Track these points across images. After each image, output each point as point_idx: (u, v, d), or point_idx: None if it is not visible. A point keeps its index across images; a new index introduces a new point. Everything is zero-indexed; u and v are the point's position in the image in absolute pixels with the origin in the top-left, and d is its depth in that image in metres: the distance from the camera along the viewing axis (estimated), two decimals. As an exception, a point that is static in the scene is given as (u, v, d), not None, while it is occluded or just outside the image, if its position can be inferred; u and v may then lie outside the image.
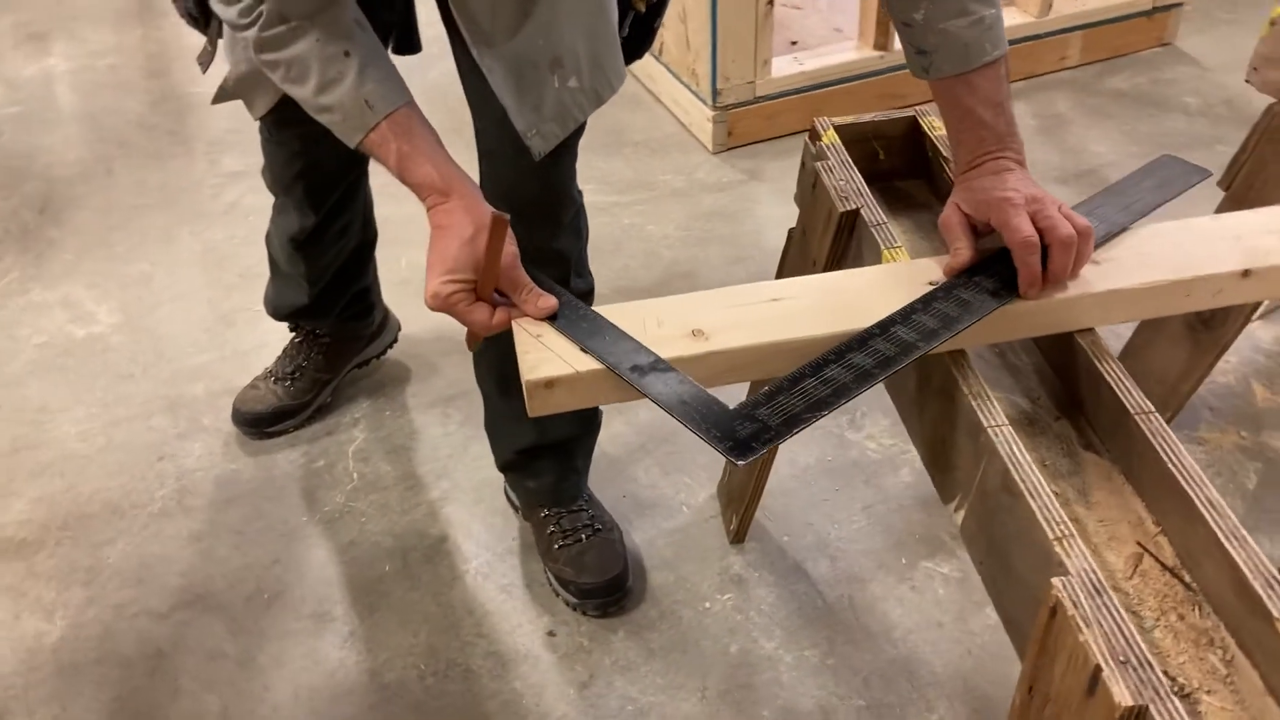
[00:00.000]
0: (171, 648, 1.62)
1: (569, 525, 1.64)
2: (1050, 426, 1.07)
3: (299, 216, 1.70)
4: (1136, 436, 0.97)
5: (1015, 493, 0.91)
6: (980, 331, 1.02)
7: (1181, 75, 2.94)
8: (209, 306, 2.28)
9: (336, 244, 1.76)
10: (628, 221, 2.46)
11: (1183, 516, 0.91)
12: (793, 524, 1.76)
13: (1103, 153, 2.63)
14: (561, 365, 0.99)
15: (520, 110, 1.21)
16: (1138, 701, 0.74)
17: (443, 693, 1.54)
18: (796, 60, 2.72)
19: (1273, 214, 1.14)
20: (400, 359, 2.10)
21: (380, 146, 1.04)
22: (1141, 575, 0.93)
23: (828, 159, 1.33)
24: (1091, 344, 1.04)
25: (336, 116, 1.04)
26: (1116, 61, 3.01)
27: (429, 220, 1.04)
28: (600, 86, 1.26)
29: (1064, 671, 0.80)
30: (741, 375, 1.02)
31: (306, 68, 1.03)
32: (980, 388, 1.00)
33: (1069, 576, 0.83)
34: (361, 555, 1.74)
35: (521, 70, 1.20)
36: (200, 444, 1.95)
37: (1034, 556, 0.88)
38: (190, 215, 2.56)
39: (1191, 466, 0.92)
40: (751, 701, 1.51)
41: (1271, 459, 1.82)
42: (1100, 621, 0.79)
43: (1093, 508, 0.99)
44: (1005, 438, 0.94)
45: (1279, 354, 2.03)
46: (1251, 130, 1.67)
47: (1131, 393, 0.98)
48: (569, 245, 1.43)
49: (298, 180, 1.64)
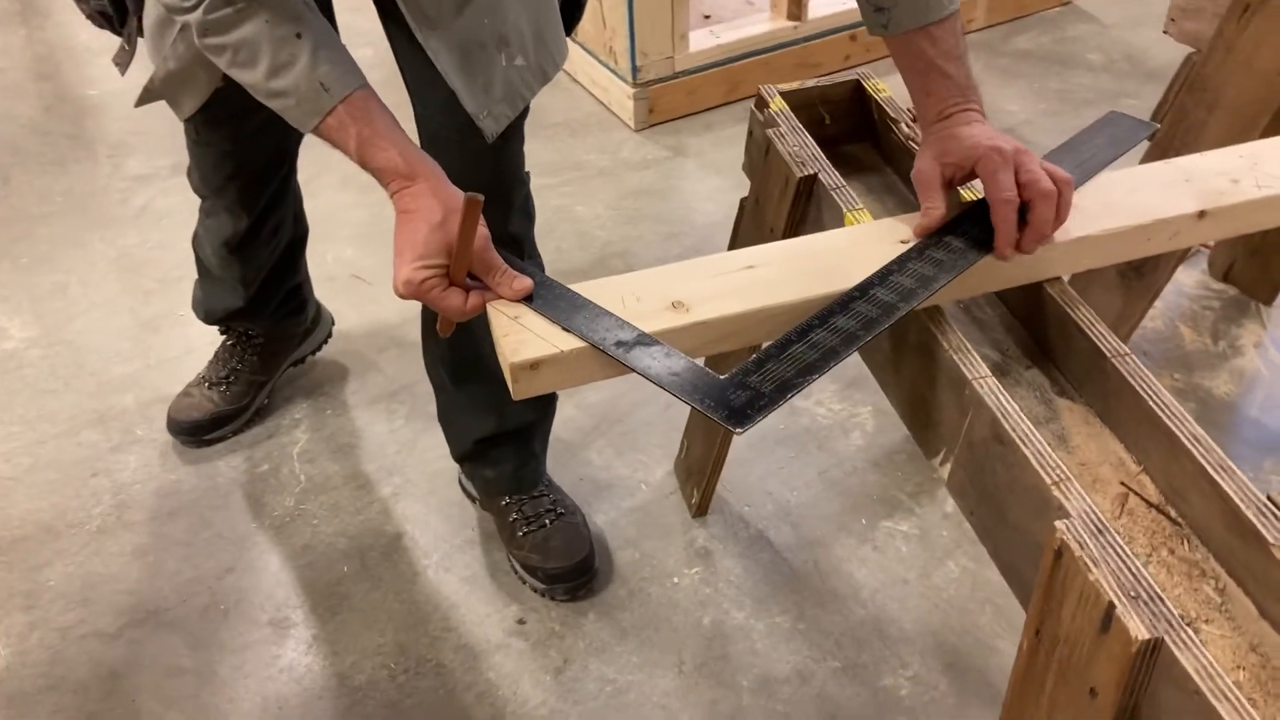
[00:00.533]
0: (126, 668, 1.56)
1: (531, 511, 1.62)
2: (1023, 376, 1.08)
3: (232, 219, 1.64)
4: (1113, 379, 0.99)
5: (1006, 441, 0.92)
6: (954, 287, 1.03)
7: (1083, 33, 3.01)
8: (130, 314, 2.20)
9: (270, 243, 1.71)
10: (556, 204, 2.44)
11: (1166, 453, 0.93)
12: (752, 494, 1.76)
13: (1015, 111, 2.69)
14: (545, 346, 0.97)
15: (470, 92, 1.19)
16: (1153, 634, 0.75)
17: (416, 690, 1.51)
18: (713, 34, 2.72)
19: (1220, 155, 1.17)
20: (335, 356, 2.05)
21: (338, 130, 1.00)
22: (1129, 514, 0.95)
23: (779, 125, 1.32)
24: (1061, 292, 1.06)
25: (290, 101, 1.00)
26: (1021, 22, 3.08)
27: (395, 205, 1.01)
28: (545, 63, 1.25)
29: (1074, 612, 0.82)
30: (725, 344, 1.02)
31: (256, 51, 0.99)
32: (960, 342, 1.01)
33: (1070, 519, 0.84)
34: (317, 558, 1.70)
35: (469, 51, 1.18)
36: (135, 456, 1.88)
37: (1031, 502, 0.90)
38: (100, 221, 2.47)
39: (1172, 403, 0.94)
40: (729, 672, 1.51)
41: (1204, 398, 1.89)
42: (1107, 559, 0.80)
43: (1073, 452, 1.01)
44: (991, 389, 0.95)
45: (1201, 297, 2.10)
46: (1172, 80, 1.72)
47: (1106, 337, 1.00)
48: (522, 228, 1.41)
49: (230, 182, 1.59)
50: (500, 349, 0.98)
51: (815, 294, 1.00)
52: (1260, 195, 1.10)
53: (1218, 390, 1.90)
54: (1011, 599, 1.57)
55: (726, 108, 2.76)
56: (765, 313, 1.00)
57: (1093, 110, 2.62)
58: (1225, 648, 0.84)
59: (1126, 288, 1.83)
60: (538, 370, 0.97)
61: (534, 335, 0.98)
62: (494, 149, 1.28)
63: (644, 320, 0.99)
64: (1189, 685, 0.74)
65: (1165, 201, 1.10)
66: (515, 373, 0.97)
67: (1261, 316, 2.05)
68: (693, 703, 1.48)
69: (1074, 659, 0.82)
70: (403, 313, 2.13)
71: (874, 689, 1.48)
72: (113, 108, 2.85)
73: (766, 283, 1.02)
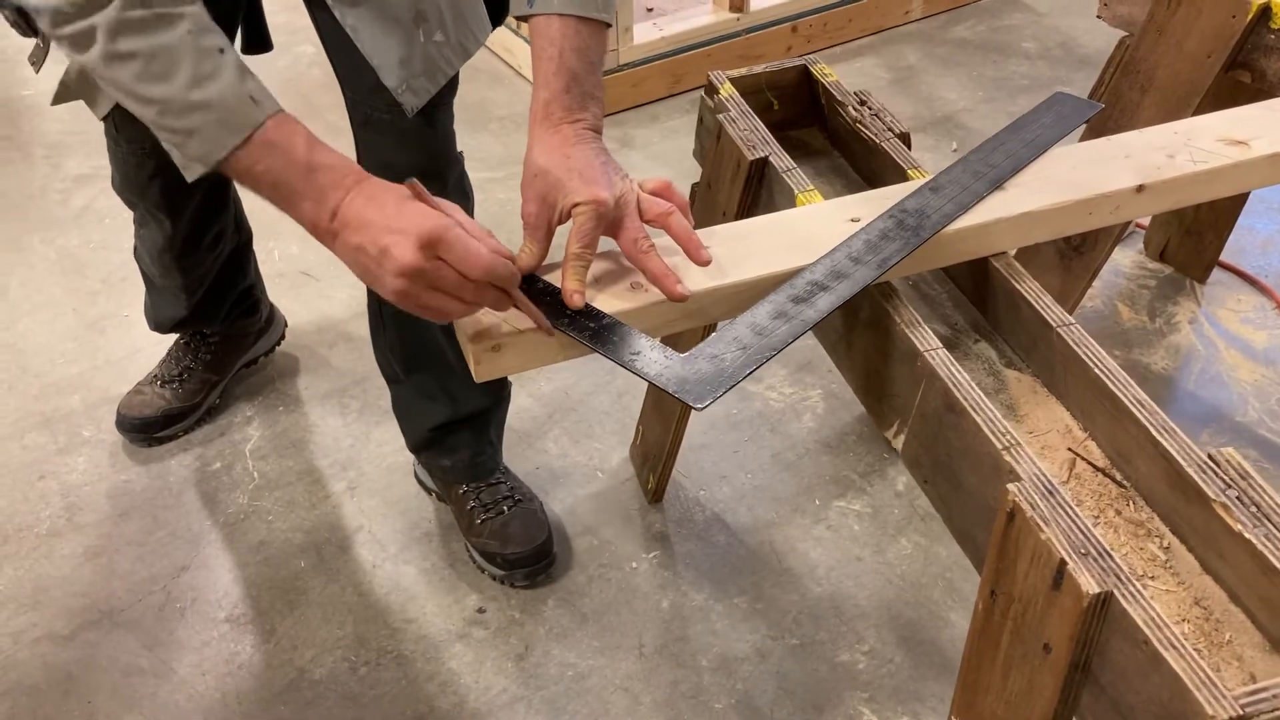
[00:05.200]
0: (81, 670, 1.54)
1: (489, 499, 1.63)
2: (971, 349, 1.11)
3: (158, 226, 1.62)
4: (1059, 348, 1.02)
5: (958, 410, 0.94)
6: (907, 263, 1.05)
7: (1019, 22, 3.07)
8: (74, 315, 2.16)
9: (212, 252, 1.69)
10: (502, 197, 2.44)
11: (1111, 418, 0.96)
12: (707, 478, 1.78)
13: (954, 99, 2.74)
14: (506, 328, 0.97)
15: (388, 67, 1.20)
16: (1103, 588, 0.78)
17: (378, 681, 1.51)
18: (656, 26, 2.73)
19: (1155, 133, 1.21)
20: (286, 351, 2.04)
21: (279, 132, 0.93)
22: (1077, 478, 0.98)
23: (729, 110, 1.34)
24: (1007, 265, 1.09)
25: (210, 116, 0.91)
26: (959, 12, 3.13)
27: (356, 196, 0.94)
28: (466, 40, 1.26)
29: (1027, 571, 0.84)
30: (683, 324, 1.03)
31: (175, 61, 0.91)
32: (912, 316, 1.03)
33: (1021, 482, 0.87)
34: (273, 554, 1.69)
35: (387, 27, 1.19)
36: (84, 458, 1.86)
37: (983, 468, 0.92)
38: (39, 223, 2.42)
39: (1116, 370, 0.97)
40: (689, 653, 1.53)
41: (1142, 374, 1.94)
42: (1058, 520, 0.83)
43: (1022, 420, 1.03)
44: (942, 360, 0.98)
45: (1137, 275, 2.16)
46: (1107, 63, 1.76)
47: (1051, 308, 1.03)
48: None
49: (151, 182, 1.56)
50: (462, 331, 0.98)
51: (770, 272, 1.02)
52: (1195, 169, 1.14)
53: (1155, 366, 1.96)
54: (963, 573, 1.61)
55: (671, 100, 2.78)
56: (721, 291, 1.02)
57: (1028, 97, 2.67)
58: (1171, 602, 0.87)
59: (1065, 267, 1.88)
60: (500, 352, 0.98)
61: (495, 317, 0.98)
62: (424, 128, 1.29)
63: (604, 301, 1.01)
64: (1138, 636, 0.76)
65: (1106, 176, 1.13)
66: (478, 354, 0.98)
67: (1196, 294, 2.10)
68: (654, 684, 1.49)
69: (1028, 616, 0.85)
70: (352, 308, 2.12)
71: (831, 664, 1.51)
72: (48, 109, 2.79)
73: (721, 262, 1.04)
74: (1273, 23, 1.55)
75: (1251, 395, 1.89)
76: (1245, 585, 0.85)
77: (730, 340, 0.95)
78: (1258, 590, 0.83)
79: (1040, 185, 1.12)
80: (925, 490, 1.03)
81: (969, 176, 1.13)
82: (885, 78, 2.85)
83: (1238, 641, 0.84)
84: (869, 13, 2.98)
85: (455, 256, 0.89)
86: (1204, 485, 0.86)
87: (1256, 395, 1.89)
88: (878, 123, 1.31)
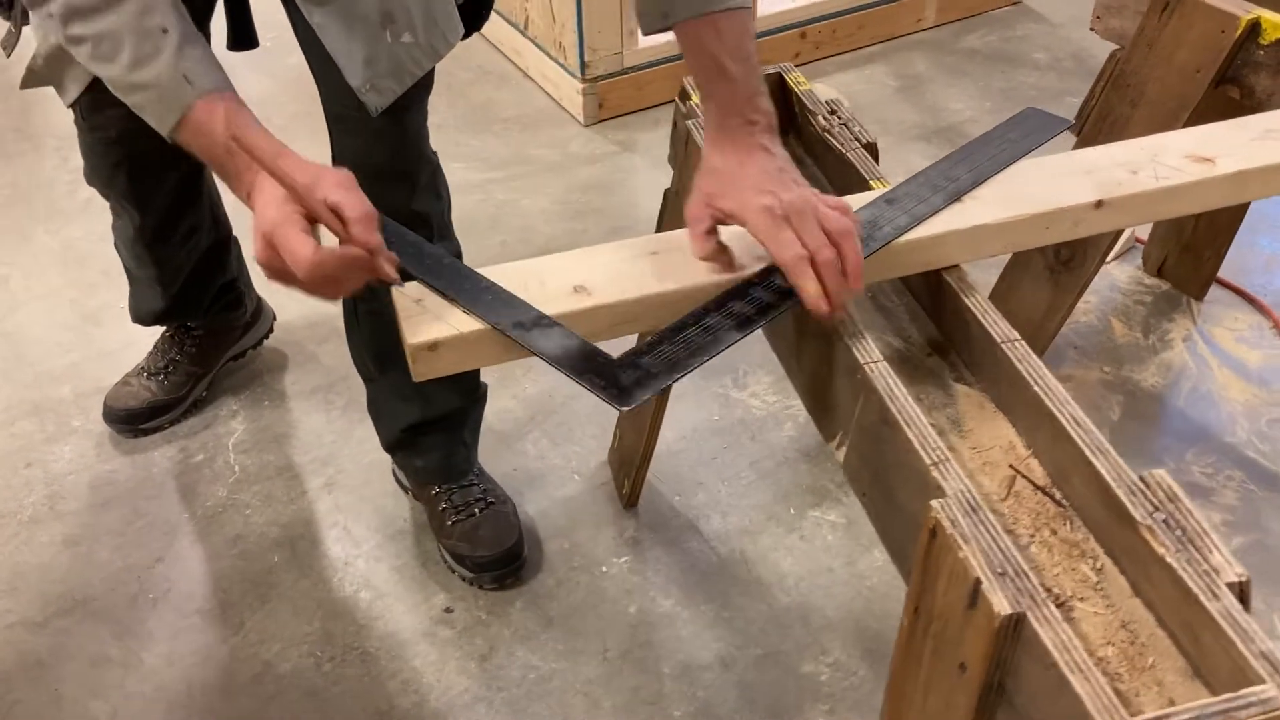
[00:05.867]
0: (52, 657, 1.56)
1: (460, 500, 1.63)
2: (923, 363, 1.10)
3: (127, 216, 1.64)
4: (1004, 364, 1.01)
5: (893, 424, 0.94)
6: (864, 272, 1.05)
7: (1032, 32, 3.04)
8: (72, 306, 2.19)
9: (185, 245, 1.70)
10: (502, 198, 2.45)
11: (1051, 436, 0.95)
12: (683, 484, 1.78)
13: (959, 109, 2.72)
14: (444, 328, 0.98)
15: (353, 66, 1.21)
16: (1015, 609, 0.77)
17: (341, 677, 1.52)
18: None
19: (1122, 148, 1.19)
20: (276, 347, 2.05)
21: (206, 115, 0.95)
22: (1015, 496, 0.97)
23: (699, 117, 1.34)
24: (958, 280, 1.08)
25: (151, 95, 0.96)
26: (971, 21, 3.11)
27: (257, 186, 0.95)
28: (436, 41, 1.26)
29: (946, 588, 0.83)
30: (626, 329, 1.03)
31: (119, 42, 0.96)
32: (855, 328, 1.02)
33: (946, 498, 0.86)
34: (249, 548, 1.70)
35: (353, 26, 1.19)
36: (71, 447, 1.88)
37: (914, 484, 0.91)
38: (45, 213, 2.46)
39: (1056, 388, 0.96)
40: (653, 659, 1.52)
41: (1132, 391, 1.91)
42: (978, 538, 0.82)
43: (966, 436, 1.02)
44: (881, 372, 0.97)
45: (1134, 291, 2.13)
46: (1097, 77, 1.74)
47: (997, 323, 1.02)
48: (428, 206, 1.42)
49: (117, 171, 1.57)
50: (402, 330, 0.99)
51: (714, 279, 1.02)
52: (1157, 186, 1.12)
53: (1145, 383, 1.93)
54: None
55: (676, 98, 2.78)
56: (664, 297, 1.01)
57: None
58: (1097, 624, 0.86)
59: (1055, 281, 1.86)
60: (436, 351, 0.98)
61: (434, 317, 0.99)
62: (393, 127, 1.30)
63: (547, 303, 1.01)
64: (1047, 659, 0.75)
65: (1065, 191, 1.12)
66: (414, 353, 0.98)
67: (1192, 311, 2.08)
68: (615, 689, 1.49)
69: (946, 635, 0.84)
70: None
71: (795, 675, 1.50)
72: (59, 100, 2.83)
73: (668, 269, 1.04)
74: (1262, 39, 1.53)
75: (1241, 415, 1.86)
76: (1170, 610, 0.83)
77: (665, 345, 0.95)
78: (1180, 615, 0.82)
79: (997, 199, 1.11)
80: (863, 503, 1.02)
81: (927, 189, 1.12)
82: (892, 85, 2.83)
83: (1160, 666, 0.83)
84: (879, 20, 2.97)
85: (285, 253, 0.91)
86: (1131, 507, 0.85)
87: (1246, 416, 1.86)
88: (845, 132, 1.31)
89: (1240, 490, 1.74)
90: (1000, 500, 0.97)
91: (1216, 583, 0.79)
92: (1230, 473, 1.77)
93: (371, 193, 1.40)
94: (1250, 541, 1.66)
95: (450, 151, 2.56)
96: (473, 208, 2.41)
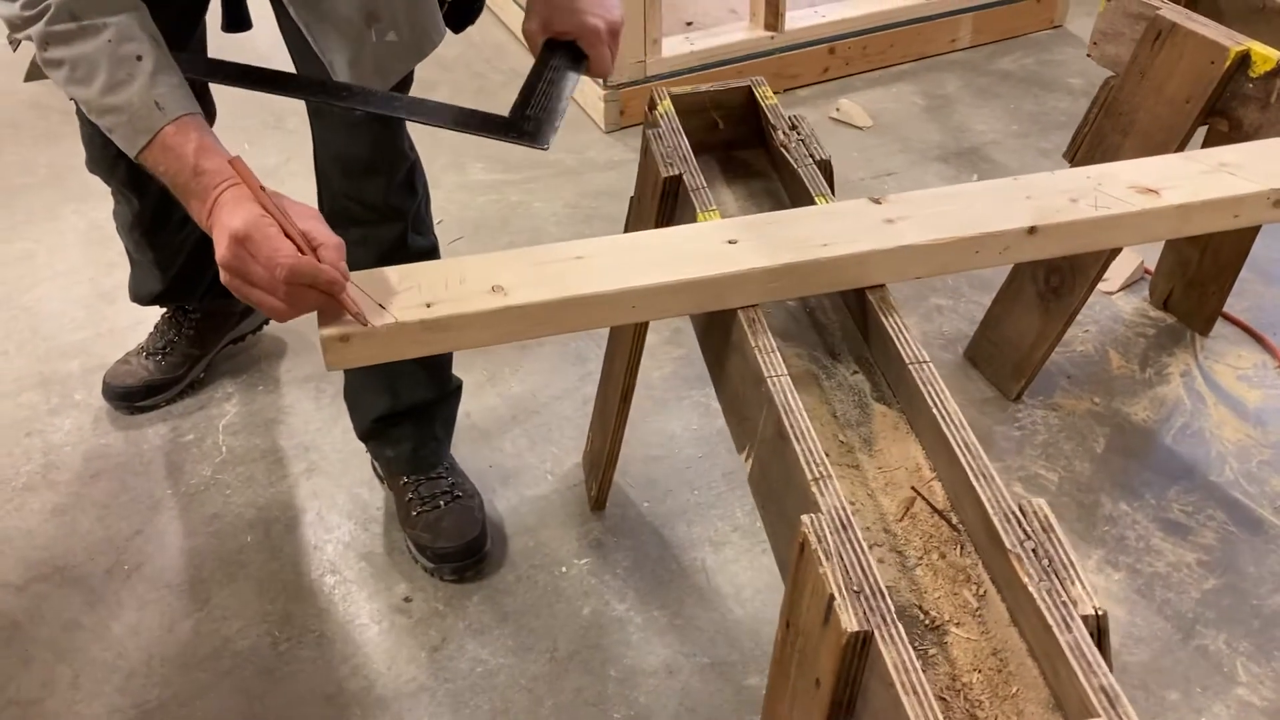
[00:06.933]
0: (27, 619, 1.61)
1: (427, 492, 1.66)
2: (847, 380, 1.10)
3: (127, 203, 1.70)
4: (913, 386, 1.00)
5: (785, 437, 0.94)
6: (780, 286, 1.06)
7: (1069, 56, 3.00)
8: (89, 284, 2.26)
9: (181, 231, 1.75)
10: (515, 199, 2.48)
11: (947, 460, 0.95)
12: (655, 490, 1.79)
13: (984, 131, 2.69)
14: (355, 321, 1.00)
15: (339, 64, 1.23)
16: (864, 627, 0.78)
17: (295, 658, 1.55)
18: (688, 40, 2.74)
19: (1069, 175, 1.18)
20: (278, 334, 2.10)
21: (177, 137, 1.01)
22: (911, 518, 0.97)
23: (659, 126, 1.35)
24: (880, 299, 1.08)
25: (122, 118, 1.01)
26: (1008, 43, 3.07)
27: (221, 203, 1.00)
28: (421, 41, 1.29)
29: (809, 604, 0.84)
30: (540, 330, 1.05)
31: (94, 67, 1.01)
32: (767, 342, 1.03)
33: (820, 514, 0.86)
34: (224, 527, 1.74)
35: (337, 25, 1.22)
36: (70, 419, 1.95)
37: (798, 498, 0.92)
38: (76, 194, 2.54)
39: (954, 412, 0.96)
40: (599, 661, 1.53)
41: (1120, 424, 1.88)
42: (841, 555, 0.83)
43: (874, 455, 1.02)
44: (781, 387, 0.98)
45: (1137, 324, 2.10)
46: (1091, 104, 1.72)
47: (909, 344, 1.02)
48: (402, 201, 1.45)
49: (118, 161, 1.61)
50: (318, 320, 1.02)
51: (628, 285, 1.03)
52: (1094, 215, 1.11)
53: (1135, 416, 1.90)
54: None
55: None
56: (576, 301, 1.03)
57: (1062, 134, 2.60)
58: (968, 650, 0.86)
59: (1044, 308, 1.84)
60: (348, 343, 1.01)
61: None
62: (373, 123, 1.33)
63: (463, 301, 1.02)
64: (887, 679, 0.76)
65: (998, 215, 1.11)
66: (326, 344, 1.01)
67: (1195, 347, 2.04)
68: (558, 688, 1.50)
69: (807, 649, 0.84)
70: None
71: (738, 686, 1.50)
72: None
73: (588, 273, 1.05)
74: (1252, 71, 1.50)
75: (1232, 455, 1.82)
76: (1036, 640, 0.83)
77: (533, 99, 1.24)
78: (1042, 645, 0.81)
79: (927, 219, 1.11)
80: (761, 515, 1.02)
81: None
82: (919, 104, 2.81)
83: (1023, 697, 0.82)
84: (912, 39, 2.95)
85: (261, 254, 0.94)
86: (1004, 534, 0.85)
87: (1237, 455, 1.82)
88: (802, 148, 1.31)
89: (1220, 531, 1.70)
90: (896, 520, 0.96)
91: (1072, 614, 0.79)
92: (1212, 513, 1.73)
93: (348, 185, 1.44)
94: (1222, 584, 1.63)
95: (471, 152, 2.60)
96: (485, 207, 2.45)
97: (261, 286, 0.96)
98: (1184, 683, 1.50)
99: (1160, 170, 1.17)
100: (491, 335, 1.03)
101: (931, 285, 2.18)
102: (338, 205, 1.42)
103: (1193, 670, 1.52)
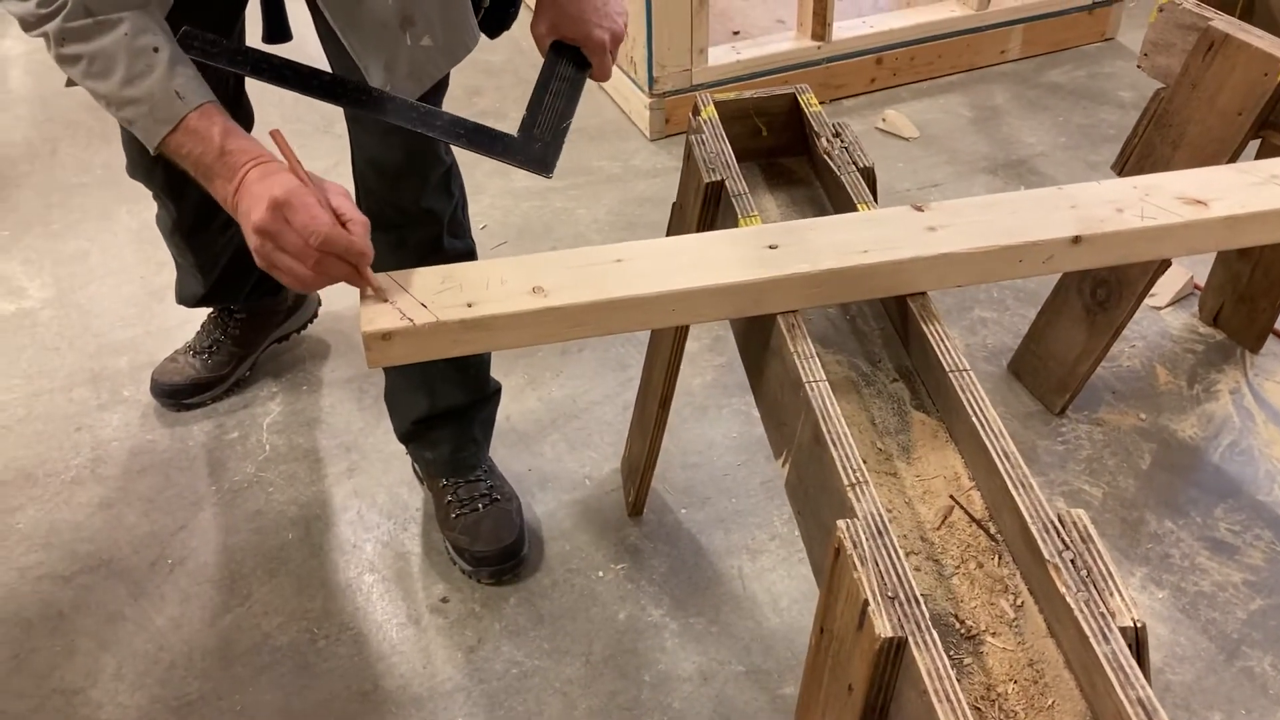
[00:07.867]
0: (73, 610, 1.64)
1: (466, 495, 1.67)
2: (886, 388, 1.09)
3: (163, 207, 1.73)
4: (953, 394, 1.00)
5: (822, 443, 0.94)
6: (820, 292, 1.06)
7: (1119, 69, 2.97)
8: (140, 283, 2.30)
9: (223, 235, 1.78)
10: (559, 205, 2.49)
11: (986, 469, 0.94)
12: (693, 497, 1.79)
13: (1033, 143, 2.67)
14: (399, 318, 1.01)
15: (374, 69, 1.25)
16: (898, 634, 0.77)
17: (332, 655, 1.56)
18: (734, 49, 2.74)
19: (1114, 185, 1.17)
20: (322, 335, 2.13)
21: (202, 121, 1.03)
22: (949, 527, 0.96)
23: (703, 133, 1.36)
24: (921, 307, 1.07)
25: (143, 109, 1.03)
26: (1058, 55, 3.05)
27: (249, 177, 1.03)
28: (455, 46, 1.30)
29: (843, 609, 0.83)
30: (580, 332, 1.05)
31: (112, 61, 1.03)
32: (806, 347, 1.03)
33: (855, 519, 0.86)
34: (266, 524, 1.76)
35: (372, 28, 1.24)
36: (119, 415, 1.98)
37: (834, 504, 0.92)
38: (130, 194, 2.57)
39: (994, 420, 0.95)
40: (634, 666, 1.53)
41: (1166, 440, 1.86)
42: (876, 560, 0.82)
43: (913, 463, 1.02)
44: (820, 393, 0.97)
45: (1186, 339, 2.07)
46: (1141, 116, 1.70)
47: (950, 352, 1.02)
48: (438, 204, 1.46)
49: (155, 165, 1.63)
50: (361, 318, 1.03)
51: (668, 288, 1.04)
52: (1140, 225, 1.10)
53: (1183, 433, 1.87)
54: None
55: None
56: (616, 303, 1.03)
57: (1111, 147, 2.58)
58: (1004, 660, 0.85)
59: (1090, 322, 1.82)
60: (390, 341, 1.02)
61: (390, 306, 1.02)
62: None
63: (505, 301, 1.03)
64: (920, 685, 0.75)
65: (1041, 224, 1.10)
66: (368, 341, 1.02)
67: (1244, 363, 2.00)
68: (593, 692, 1.50)
69: (841, 654, 0.84)
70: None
71: (772, 695, 1.49)
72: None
73: (628, 276, 1.06)
74: (1307, 84, 1.48)
75: (1281, 474, 1.79)
76: (1073, 651, 0.82)
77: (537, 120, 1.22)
78: (1079, 657, 0.80)
79: (970, 227, 1.10)
80: (798, 521, 1.02)
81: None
82: (966, 116, 2.79)
83: (1059, 709, 0.82)
84: (960, 50, 2.93)
85: (298, 220, 0.97)
86: (1042, 544, 0.84)
87: (1287, 475, 1.79)
88: (845, 156, 1.30)
89: (1268, 551, 1.67)
90: (934, 529, 0.96)
91: (1110, 625, 0.78)
92: (1259, 532, 1.70)
93: (384, 188, 1.46)
94: (1269, 605, 1.60)
95: (516, 158, 2.61)
96: (528, 213, 2.46)
97: (292, 253, 0.98)
98: (1227, 704, 1.48)
99: (1209, 181, 1.16)
100: (531, 336, 1.03)
101: (976, 297, 2.17)
102: (374, 208, 1.44)
103: (1236, 692, 1.49)
